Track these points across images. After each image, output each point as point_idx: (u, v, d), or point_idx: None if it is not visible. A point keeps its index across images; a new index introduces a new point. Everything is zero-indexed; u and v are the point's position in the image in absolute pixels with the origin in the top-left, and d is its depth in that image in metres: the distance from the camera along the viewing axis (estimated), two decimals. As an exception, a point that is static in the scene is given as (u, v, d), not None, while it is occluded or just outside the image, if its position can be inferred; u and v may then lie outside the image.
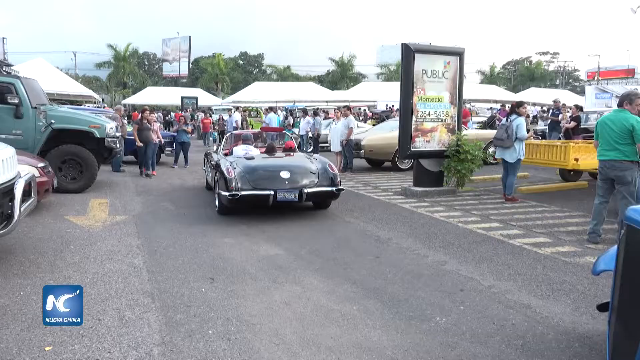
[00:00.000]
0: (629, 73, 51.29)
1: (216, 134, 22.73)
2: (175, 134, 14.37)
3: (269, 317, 3.85)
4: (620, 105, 5.85)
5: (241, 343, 3.43)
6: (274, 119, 19.24)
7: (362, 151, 12.97)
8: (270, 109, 22.41)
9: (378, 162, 13.70)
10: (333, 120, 14.76)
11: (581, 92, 39.32)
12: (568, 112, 15.02)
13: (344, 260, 5.30)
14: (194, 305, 4.09)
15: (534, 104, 32.83)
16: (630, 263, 2.46)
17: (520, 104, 8.84)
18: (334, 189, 7.36)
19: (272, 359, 3.23)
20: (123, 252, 5.56)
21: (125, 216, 7.46)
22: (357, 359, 3.21)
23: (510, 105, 8.97)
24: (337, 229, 6.77)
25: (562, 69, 69.69)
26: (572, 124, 13.24)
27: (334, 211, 7.90)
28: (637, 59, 59.11)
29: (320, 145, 16.73)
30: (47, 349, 3.27)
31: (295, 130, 19.06)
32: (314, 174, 7.47)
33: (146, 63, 73.50)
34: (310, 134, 17.15)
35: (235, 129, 18.82)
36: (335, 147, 13.03)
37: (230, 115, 24.06)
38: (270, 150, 8.53)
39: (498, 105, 31.92)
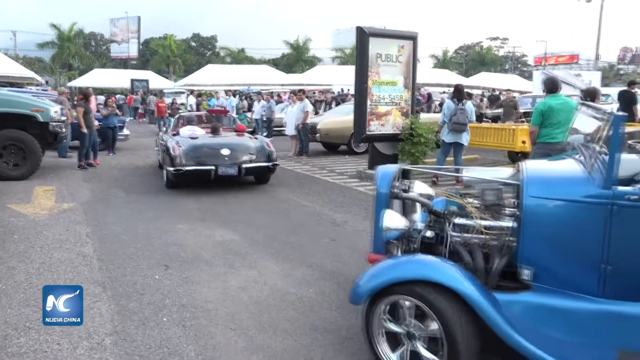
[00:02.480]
0: (573, 58, 53.53)
1: (172, 119, 22.02)
2: (103, 118, 12.43)
3: (225, 303, 3.83)
4: (558, 90, 6.32)
5: (197, 329, 3.40)
6: (227, 103, 18.93)
7: (318, 135, 12.98)
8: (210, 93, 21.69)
9: (334, 145, 13.76)
10: (289, 104, 14.68)
11: (529, 77, 40.71)
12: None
13: (300, 244, 5.32)
14: (148, 293, 4.01)
15: (484, 89, 33.70)
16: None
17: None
18: (270, 164, 8.31)
19: (229, 343, 3.22)
20: (71, 241, 5.37)
21: (73, 203, 7.19)
22: (313, 340, 3.25)
23: (454, 89, 9.04)
24: (293, 213, 6.78)
25: (511, 54, 71.78)
26: None
27: (289, 195, 7.90)
28: (581, 45, 61.75)
29: (274, 129, 16.61)
30: (-10, 343, 3.14)
31: (249, 114, 18.85)
32: (253, 151, 8.33)
33: (93, 44, 70.29)
34: (264, 118, 16.99)
35: (191, 112, 18.40)
36: (290, 130, 12.98)
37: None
38: (214, 131, 9.18)
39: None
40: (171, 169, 7.87)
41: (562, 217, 2.74)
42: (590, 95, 6.73)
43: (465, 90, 9.16)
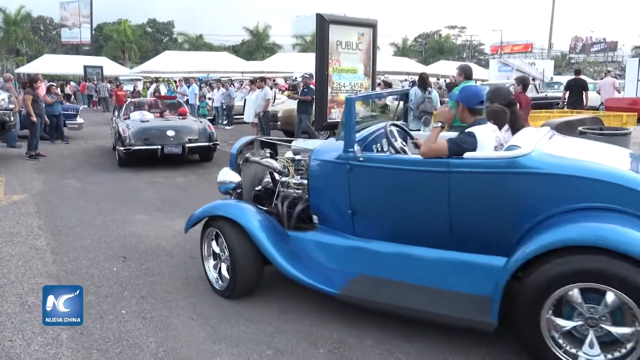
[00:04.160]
0: (528, 47, 55.11)
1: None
2: (47, 105, 11.54)
3: (186, 293, 3.78)
4: (470, 78, 6.69)
5: (157, 321, 3.35)
6: (189, 91, 18.47)
7: (279, 123, 12.89)
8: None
9: (295, 133, 13.69)
10: (249, 91, 14.48)
11: (486, 65, 41.62)
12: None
13: (262, 232, 5.28)
14: (105, 285, 3.91)
15: (441, 77, 34.25)
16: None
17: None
18: (210, 144, 9.39)
19: (191, 334, 3.19)
20: (23, 234, 5.16)
21: (24, 195, 6.91)
22: (276, 327, 3.25)
23: (419, 78, 9.15)
24: (255, 202, 6.72)
25: (468, 43, 73.15)
26: None
27: (251, 184, 7.83)
28: (535, 34, 63.53)
29: (235, 116, 16.39)
30: (-64, 342, 2.99)
31: (209, 101, 18.49)
32: (196, 132, 9.37)
33: (42, 28, 67.14)
34: (224, 106, 16.72)
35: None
36: (249, 117, 12.85)
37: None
38: (163, 114, 10.49)
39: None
40: (122, 148, 8.82)
41: (325, 175, 3.58)
42: (522, 81, 7.06)
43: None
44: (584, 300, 2.51)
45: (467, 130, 3.10)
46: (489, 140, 3.08)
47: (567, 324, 2.57)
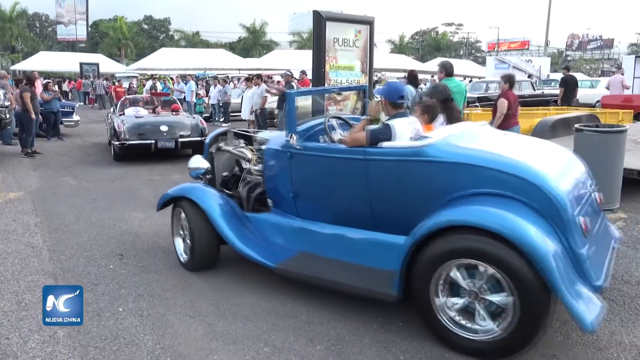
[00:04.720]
0: (525, 45, 55.15)
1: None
2: (44, 102, 11.64)
3: (184, 290, 3.78)
4: (451, 74, 6.71)
5: (154, 318, 3.35)
6: (186, 88, 18.41)
7: (276, 120, 12.86)
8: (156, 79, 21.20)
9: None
10: (247, 89, 14.45)
11: (482, 62, 41.62)
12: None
13: (259, 230, 5.27)
14: (102, 283, 3.91)
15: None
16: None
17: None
18: (203, 138, 9.23)
19: (188, 331, 3.18)
20: (19, 232, 5.15)
21: (20, 193, 6.88)
22: (273, 325, 3.26)
23: (409, 75, 9.16)
24: (252, 199, 6.71)
25: (465, 40, 73.12)
26: None
27: (248, 181, 7.82)
28: (532, 31, 63.66)
29: (231, 114, 16.36)
30: None
31: (206, 99, 18.45)
32: (188, 128, 9.71)
33: (37, 25, 66.88)
34: (220, 103, 16.68)
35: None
36: (246, 114, 12.83)
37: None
38: (156, 110, 10.95)
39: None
40: (117, 143, 9.17)
41: (274, 162, 3.95)
42: (509, 79, 7.03)
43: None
44: (465, 276, 2.80)
45: (385, 122, 3.44)
46: (406, 131, 3.39)
47: (457, 301, 2.85)
